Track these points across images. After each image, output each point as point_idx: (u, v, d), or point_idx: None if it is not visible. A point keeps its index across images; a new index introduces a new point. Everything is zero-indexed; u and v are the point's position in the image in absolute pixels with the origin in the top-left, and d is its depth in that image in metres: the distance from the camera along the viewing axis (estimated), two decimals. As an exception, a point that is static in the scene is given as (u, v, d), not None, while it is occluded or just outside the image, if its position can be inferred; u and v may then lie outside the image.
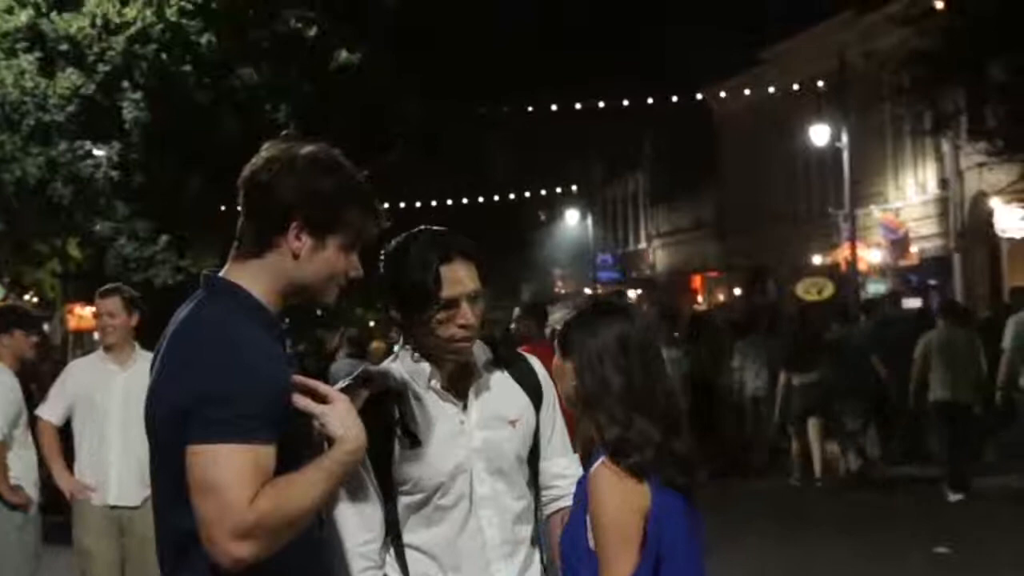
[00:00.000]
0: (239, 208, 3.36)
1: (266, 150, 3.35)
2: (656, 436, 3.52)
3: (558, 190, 52.13)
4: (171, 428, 3.17)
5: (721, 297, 44.07)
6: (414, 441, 3.86)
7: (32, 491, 8.42)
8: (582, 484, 3.63)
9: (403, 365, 3.94)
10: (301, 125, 17.17)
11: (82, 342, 34.85)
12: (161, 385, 3.25)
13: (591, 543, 3.54)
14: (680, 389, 14.93)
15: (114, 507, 8.20)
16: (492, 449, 3.90)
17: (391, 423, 3.87)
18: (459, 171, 44.27)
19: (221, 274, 3.34)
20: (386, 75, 21.05)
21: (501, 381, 4.00)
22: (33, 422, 8.53)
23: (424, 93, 25.22)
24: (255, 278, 3.30)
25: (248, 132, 17.58)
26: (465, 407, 3.93)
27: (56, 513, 12.95)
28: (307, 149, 3.32)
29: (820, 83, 35.92)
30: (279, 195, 3.26)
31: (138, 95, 17.86)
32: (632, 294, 47.76)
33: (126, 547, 8.16)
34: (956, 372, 15.01)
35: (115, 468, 8.17)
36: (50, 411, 8.46)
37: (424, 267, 3.82)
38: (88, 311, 32.37)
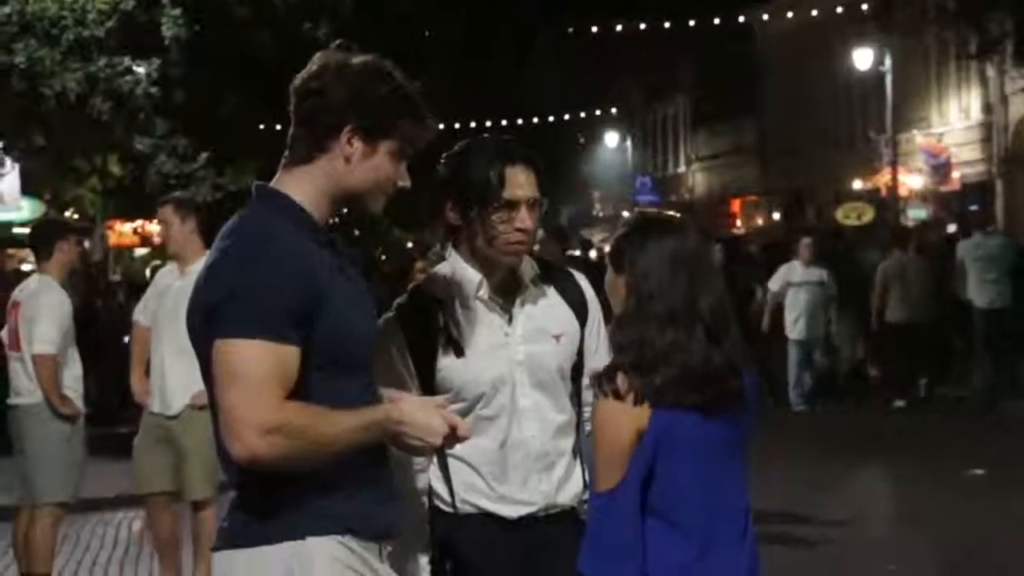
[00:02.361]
0: (291, 116, 3.39)
1: (319, 58, 3.38)
2: (688, 347, 3.45)
3: (597, 112, 51.84)
4: (203, 328, 3.22)
5: (760, 221, 43.88)
6: (458, 349, 3.89)
7: (79, 402, 8.53)
8: None
9: (452, 270, 3.96)
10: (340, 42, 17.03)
11: (123, 258, 35.08)
12: (196, 290, 3.30)
13: None
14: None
15: (157, 414, 8.26)
16: (535, 362, 3.93)
17: (435, 330, 3.91)
18: (499, 93, 44.18)
19: (271, 184, 3.39)
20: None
21: (548, 296, 4.02)
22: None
23: (466, 14, 25.12)
24: (302, 183, 3.34)
25: (287, 49, 17.51)
26: (511, 319, 3.95)
27: (103, 424, 13.24)
28: (360, 57, 3.36)
29: (864, 6, 35.48)
30: (332, 100, 3.30)
31: (177, 11, 17.74)
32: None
33: (176, 454, 8.18)
34: (910, 295, 16.78)
35: (159, 376, 8.23)
36: (141, 313, 8.54)
37: (489, 166, 3.86)
38: (128, 227, 32.60)
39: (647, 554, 3.43)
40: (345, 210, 3.47)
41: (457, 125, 34.47)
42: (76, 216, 34.47)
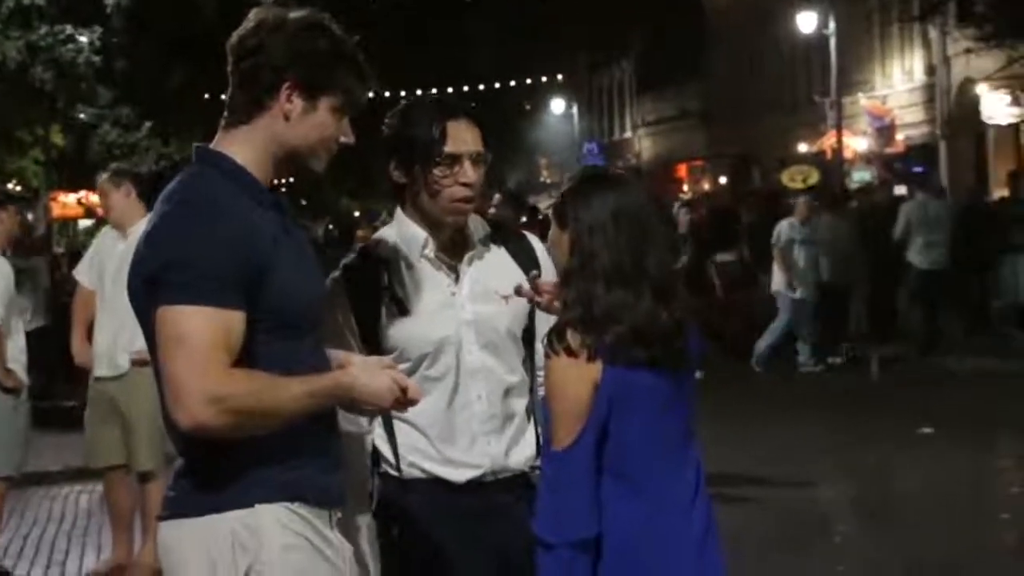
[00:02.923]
0: (228, 77, 3.32)
1: (255, 15, 3.31)
2: (636, 305, 3.44)
3: (543, 79, 51.72)
4: (144, 297, 3.16)
5: (706, 186, 43.97)
6: (401, 309, 3.83)
7: (23, 374, 8.43)
8: None
9: (398, 231, 3.92)
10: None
11: (67, 230, 34.76)
12: (136, 256, 3.23)
13: None
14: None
15: (99, 378, 8.18)
16: (483, 323, 3.86)
17: (379, 289, 3.85)
18: (443, 60, 43.98)
19: (212, 146, 3.32)
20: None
21: (497, 256, 3.96)
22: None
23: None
24: (243, 144, 3.27)
25: (231, 17, 17.35)
26: (457, 279, 3.90)
27: (48, 398, 13.12)
28: (297, 13, 3.29)
29: (808, -31, 35.54)
30: (270, 56, 3.24)
31: (119, -22, 17.63)
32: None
33: (123, 425, 8.11)
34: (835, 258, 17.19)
35: (106, 336, 8.13)
36: (84, 274, 8.45)
37: (431, 121, 3.80)
38: (72, 198, 32.26)
39: (601, 513, 3.42)
40: (292, 179, 3.43)
41: (403, 92, 34.27)
42: (19, 188, 34.12)
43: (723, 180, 43.11)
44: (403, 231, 3.90)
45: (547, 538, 3.42)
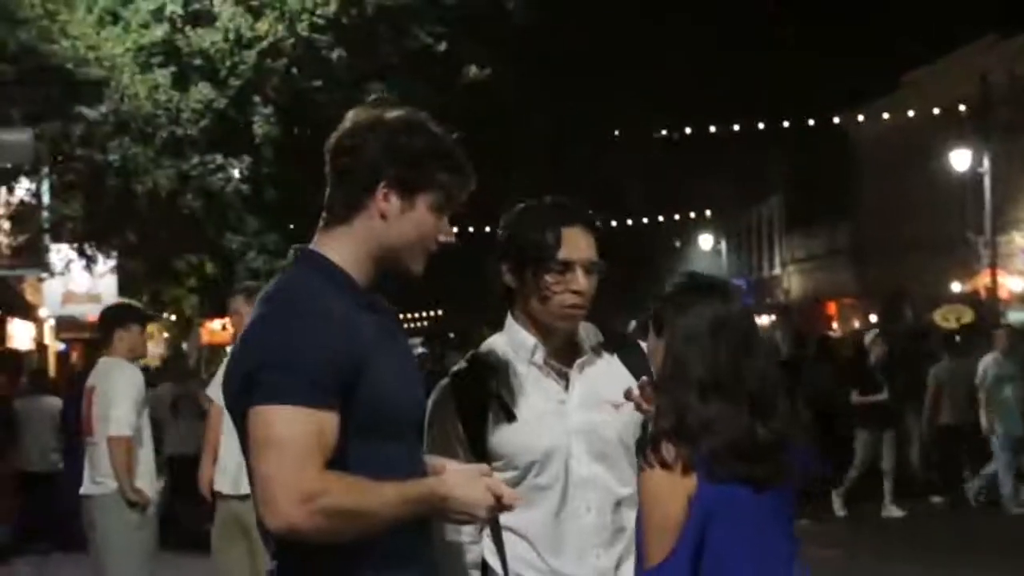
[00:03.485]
0: (328, 177, 3.30)
1: (352, 115, 3.30)
2: (733, 418, 3.31)
3: (692, 215, 51.75)
4: (239, 398, 3.11)
5: (856, 324, 43.34)
6: (509, 416, 3.75)
7: (150, 490, 8.45)
8: None
9: (508, 337, 3.85)
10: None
11: (217, 357, 35.31)
12: (233, 357, 3.21)
13: None
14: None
15: (224, 496, 8.15)
16: (592, 431, 3.76)
17: (487, 396, 3.77)
18: (591, 196, 44.21)
19: (310, 247, 3.28)
20: (513, 92, 21.01)
21: (609, 364, 3.87)
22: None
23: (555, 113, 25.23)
24: (341, 244, 3.23)
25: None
26: (567, 385, 3.80)
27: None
28: (394, 111, 3.26)
29: (961, 107, 35.19)
30: (366, 155, 3.21)
31: (269, 109, 17.98)
32: (766, 319, 47.23)
33: (250, 543, 7.99)
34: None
35: (227, 456, 8.10)
36: (215, 392, 8.46)
37: (546, 226, 3.74)
38: (218, 324, 32.85)
39: None
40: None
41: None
42: (174, 317, 34.85)
43: (874, 318, 42.47)
44: (513, 337, 3.82)
45: None
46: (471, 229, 24.79)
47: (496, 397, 3.76)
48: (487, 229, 16.75)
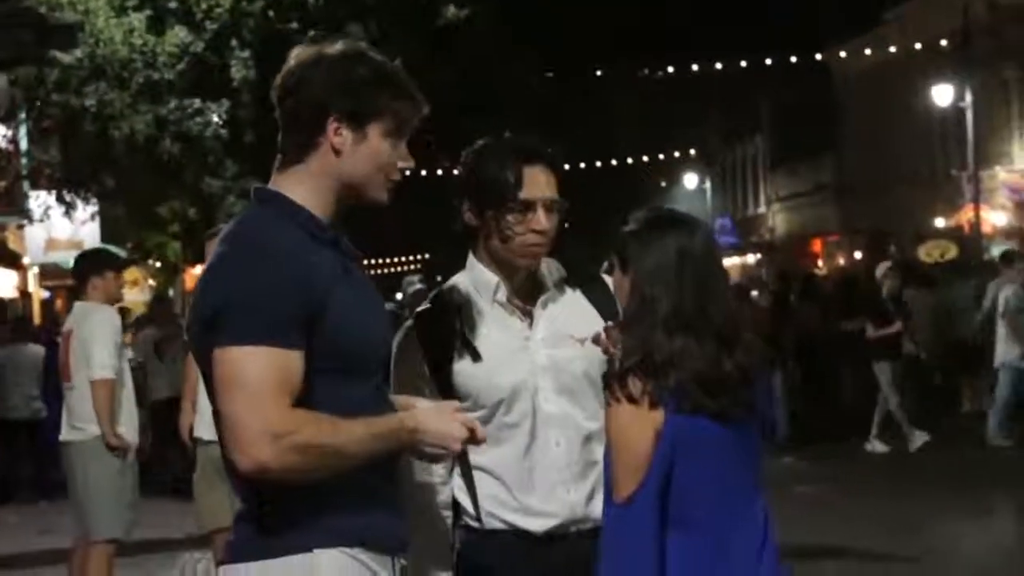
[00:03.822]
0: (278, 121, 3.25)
1: (292, 56, 3.25)
2: (699, 352, 3.31)
3: (676, 155, 51.67)
4: (201, 340, 3.08)
5: (841, 261, 43.42)
6: (474, 355, 3.71)
7: (132, 434, 8.39)
8: None
9: (470, 276, 3.80)
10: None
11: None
12: (194, 299, 3.18)
13: None
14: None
15: (204, 442, 8.10)
16: (558, 367, 3.73)
17: (451, 336, 3.73)
18: (577, 135, 44.15)
19: (269, 186, 3.24)
20: (494, 34, 20.91)
21: (573, 300, 3.83)
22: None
23: (538, 56, 25.13)
24: (298, 183, 3.19)
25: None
26: (531, 323, 3.77)
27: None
28: (333, 46, 3.21)
29: (943, 42, 35.09)
30: (311, 93, 3.16)
31: (246, 53, 17.88)
32: (751, 258, 47.33)
33: (228, 484, 7.93)
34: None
35: (205, 401, 8.01)
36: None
37: (505, 165, 3.69)
38: (199, 270, 32.74)
39: (667, 564, 3.26)
40: None
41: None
42: (159, 263, 34.72)
43: (858, 255, 42.54)
44: (475, 276, 3.79)
45: None
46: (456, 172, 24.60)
47: (460, 336, 3.73)
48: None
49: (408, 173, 3.32)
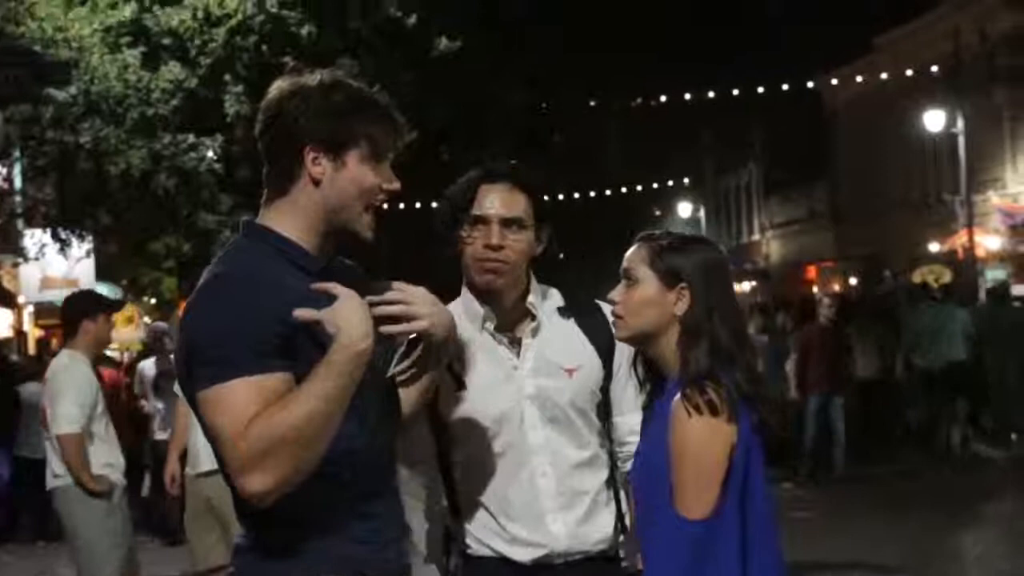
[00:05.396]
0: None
1: (274, 87, 3.23)
2: (750, 364, 3.34)
3: (670, 183, 51.71)
4: (185, 384, 3.12)
5: (836, 287, 43.39)
6: (459, 383, 3.72)
7: (116, 477, 8.30)
8: (661, 416, 3.32)
9: (462, 305, 3.80)
10: (404, 117, 17.11)
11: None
12: (177, 342, 3.20)
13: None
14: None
15: (197, 475, 8.05)
16: (545, 396, 3.72)
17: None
18: (569, 165, 44.17)
19: (255, 219, 3.24)
20: (487, 63, 20.97)
21: (564, 328, 3.82)
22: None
23: (530, 84, 25.19)
24: (283, 215, 3.18)
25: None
26: (519, 352, 3.77)
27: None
28: (311, 77, 3.20)
29: (934, 68, 35.21)
30: (286, 126, 3.15)
31: (239, 87, 17.91)
32: (747, 285, 47.27)
33: (220, 521, 7.90)
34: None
35: (196, 435, 7.92)
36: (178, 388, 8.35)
37: (467, 184, 3.73)
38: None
39: None
40: None
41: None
42: (154, 300, 34.69)
43: (853, 281, 42.54)
44: (466, 305, 3.80)
45: None
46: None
47: (447, 365, 3.72)
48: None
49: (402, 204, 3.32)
